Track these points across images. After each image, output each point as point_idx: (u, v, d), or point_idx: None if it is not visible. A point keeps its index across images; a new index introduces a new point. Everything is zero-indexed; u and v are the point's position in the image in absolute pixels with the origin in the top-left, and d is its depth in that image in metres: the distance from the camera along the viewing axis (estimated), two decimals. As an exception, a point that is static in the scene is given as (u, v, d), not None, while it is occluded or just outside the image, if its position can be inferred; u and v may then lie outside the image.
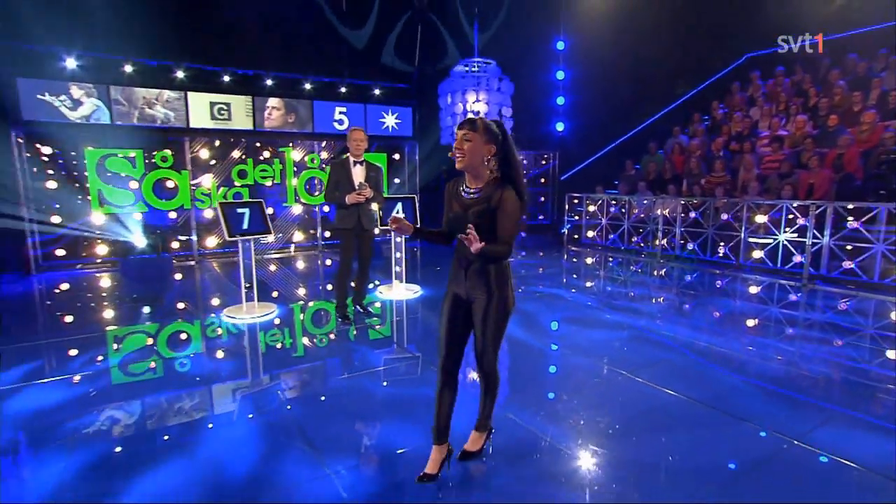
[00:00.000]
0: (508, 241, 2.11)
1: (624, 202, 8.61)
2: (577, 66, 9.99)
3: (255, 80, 8.11)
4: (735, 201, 7.11)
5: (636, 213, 8.48)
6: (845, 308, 5.26)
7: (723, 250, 7.17)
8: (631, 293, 5.99)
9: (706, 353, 3.98)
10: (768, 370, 3.66)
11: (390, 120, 9.26)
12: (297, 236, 8.82)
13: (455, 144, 2.14)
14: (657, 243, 7.96)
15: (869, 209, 5.80)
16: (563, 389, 3.39)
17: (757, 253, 6.78)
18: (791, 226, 6.42)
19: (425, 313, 5.13)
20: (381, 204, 4.85)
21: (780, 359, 3.89)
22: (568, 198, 9.55)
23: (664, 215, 7.89)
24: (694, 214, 7.54)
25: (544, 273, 7.21)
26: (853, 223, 5.85)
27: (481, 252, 2.04)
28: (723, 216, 7.14)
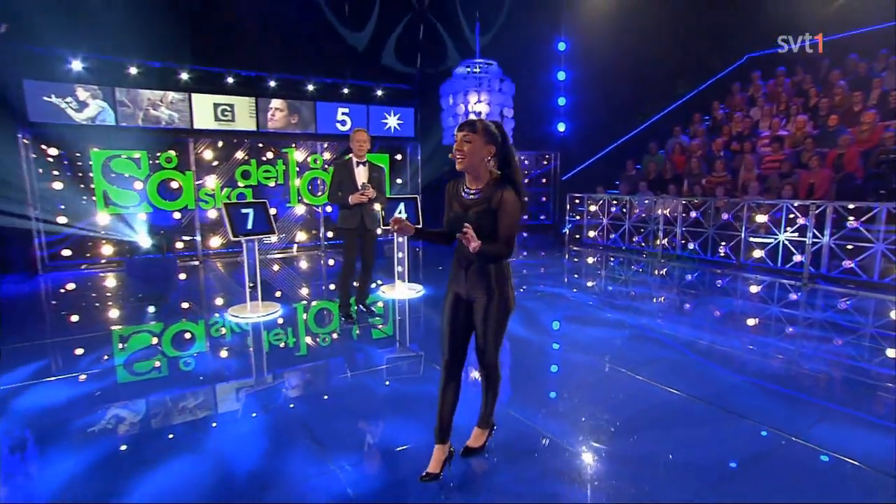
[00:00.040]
0: (509, 242, 2.13)
1: (625, 202, 8.65)
2: (579, 67, 10.02)
3: (258, 82, 8.17)
4: (735, 201, 7.14)
5: (637, 212, 8.51)
6: (845, 307, 5.29)
7: (723, 250, 7.21)
8: (632, 292, 6.03)
9: (706, 351, 4.02)
10: (768, 368, 3.69)
11: (392, 121, 9.31)
12: (300, 236, 8.87)
13: (455, 146, 2.16)
14: (658, 243, 7.99)
15: (869, 209, 5.83)
16: (564, 387, 3.43)
17: (757, 252, 6.81)
18: (791, 225, 6.46)
19: (427, 312, 5.17)
20: (384, 204, 4.90)
21: (779, 357, 3.92)
22: (569, 198, 9.59)
23: (665, 215, 7.93)
24: (695, 214, 7.58)
25: (546, 272, 7.25)
26: (853, 223, 5.88)
27: (480, 251, 2.06)
28: (723, 216, 7.18)
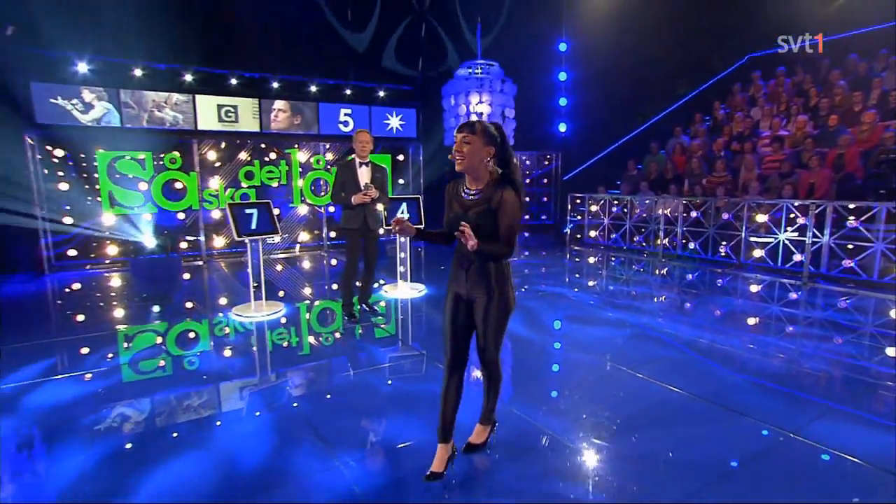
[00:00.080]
0: (509, 241, 2.16)
1: (626, 202, 8.69)
2: (580, 68, 10.06)
3: (261, 83, 8.24)
4: (736, 201, 7.18)
5: (638, 212, 8.55)
6: (845, 306, 5.31)
7: (724, 249, 7.24)
8: (633, 292, 6.07)
9: (707, 350, 4.05)
10: (768, 367, 3.73)
11: (394, 121, 9.37)
12: (303, 236, 8.94)
13: (455, 147, 2.19)
14: (659, 243, 8.03)
15: (868, 208, 5.86)
16: (565, 385, 3.47)
17: (758, 252, 6.84)
18: (791, 225, 6.49)
19: (429, 311, 5.22)
20: (387, 204, 4.94)
21: (779, 356, 3.95)
22: (570, 198, 9.63)
23: (666, 215, 7.96)
24: (695, 214, 7.61)
25: (547, 272, 7.29)
26: (853, 222, 5.91)
27: (480, 251, 2.09)
28: (724, 216, 7.21)
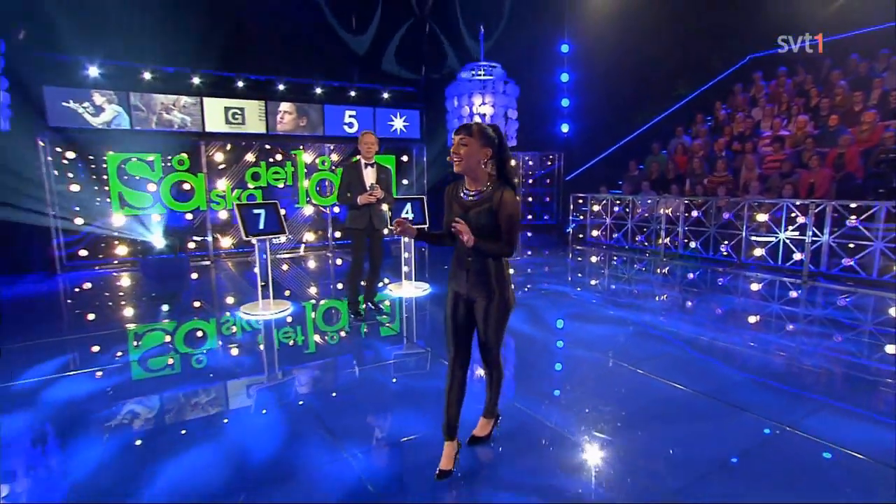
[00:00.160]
0: (510, 241, 2.21)
1: (627, 202, 8.76)
2: (582, 69, 10.13)
3: (267, 86, 8.36)
4: (737, 200, 7.24)
5: (640, 212, 8.62)
6: (844, 304, 5.37)
7: (725, 248, 7.31)
8: (635, 291, 6.15)
9: (708, 347, 4.12)
10: (768, 364, 3.79)
11: (398, 123, 9.48)
12: (309, 236, 9.05)
13: (452, 149, 2.24)
14: (660, 242, 8.09)
15: (868, 207, 5.92)
16: (567, 381, 3.55)
17: (758, 251, 6.91)
18: (792, 224, 6.55)
19: (433, 310, 5.30)
20: (392, 204, 5.04)
21: (780, 353, 4.01)
22: (573, 198, 9.72)
23: (667, 214, 8.03)
24: (696, 213, 7.67)
25: (550, 271, 7.37)
26: (853, 221, 5.96)
27: (477, 247, 2.16)
28: (725, 215, 7.28)
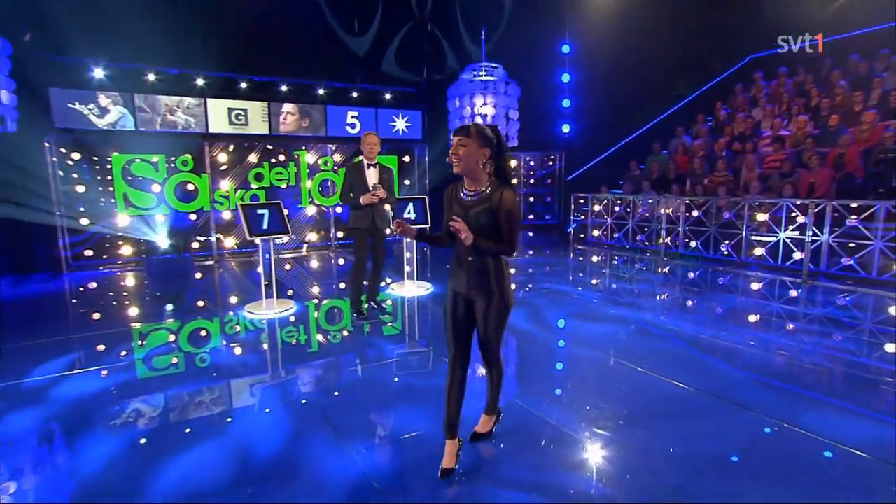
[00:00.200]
0: (511, 240, 2.24)
1: (628, 202, 8.80)
2: (583, 69, 10.18)
3: (270, 87, 8.42)
4: (737, 200, 7.27)
5: (640, 212, 8.66)
6: (844, 303, 5.39)
7: (725, 248, 7.34)
8: (635, 290, 6.19)
9: (709, 346, 4.16)
10: (768, 362, 3.83)
11: (400, 123, 9.53)
12: (311, 236, 9.11)
13: (451, 150, 2.27)
14: (661, 241, 8.13)
15: (867, 207, 5.95)
16: (569, 378, 3.59)
17: (758, 250, 6.94)
18: (792, 224, 6.58)
19: (435, 309, 5.34)
20: (394, 204, 5.08)
21: (779, 352, 4.04)
22: (574, 198, 9.76)
23: (668, 214, 8.07)
24: (697, 213, 7.71)
25: (551, 271, 7.41)
26: (853, 220, 5.98)
27: (476, 245, 2.19)
28: (725, 215, 7.32)
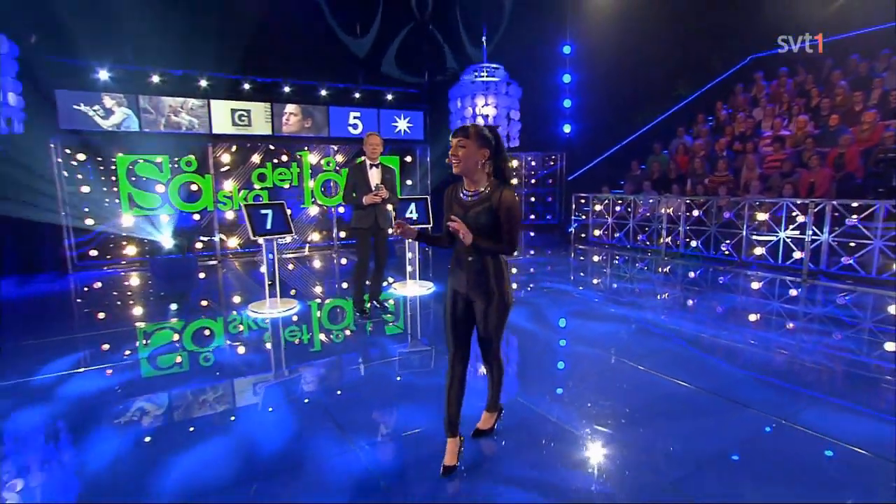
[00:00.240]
0: (511, 239, 2.25)
1: (629, 201, 8.83)
2: (584, 70, 10.22)
3: (273, 88, 8.48)
4: (737, 200, 7.30)
5: (641, 212, 8.69)
6: (844, 302, 5.42)
7: (725, 247, 7.37)
8: (636, 289, 6.22)
9: (709, 345, 4.19)
10: (768, 361, 3.86)
11: (402, 124, 9.59)
12: (314, 236, 9.16)
13: (451, 151, 2.28)
14: (662, 241, 8.16)
15: (867, 206, 5.97)
16: (570, 377, 3.63)
17: (759, 250, 6.97)
18: (792, 223, 6.61)
19: (437, 308, 5.38)
20: (396, 204, 5.12)
21: (780, 351, 4.07)
22: (575, 198, 9.80)
23: (668, 214, 8.10)
24: (697, 213, 7.74)
25: (552, 270, 7.45)
26: (854, 219, 6.00)
27: (476, 245, 2.21)
28: (725, 214, 7.35)
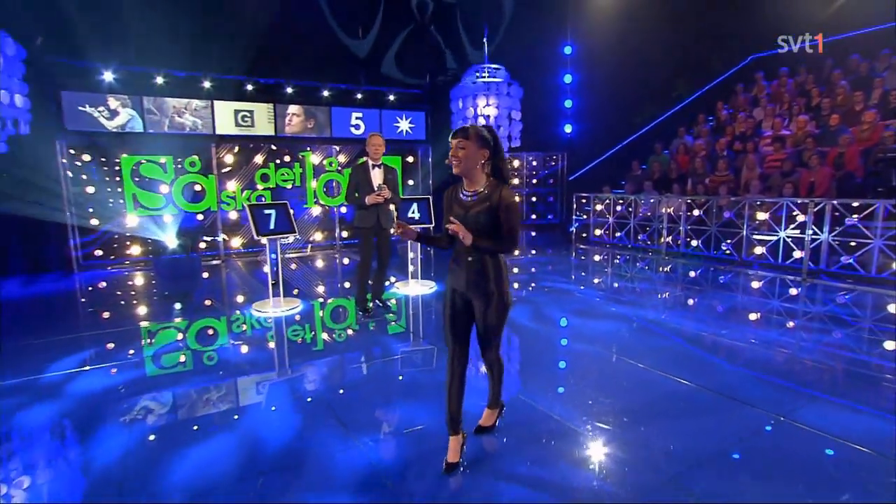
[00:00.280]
0: (512, 238, 2.28)
1: (630, 201, 8.86)
2: (585, 70, 10.27)
3: (276, 89, 8.54)
4: (738, 199, 7.33)
5: (642, 211, 8.72)
6: (843, 301, 5.44)
7: (726, 247, 7.40)
8: (637, 288, 6.25)
9: (710, 343, 4.23)
10: (768, 359, 3.88)
11: (404, 124, 9.64)
12: (316, 236, 9.21)
13: (451, 153, 2.31)
14: (662, 241, 8.19)
15: (867, 206, 5.99)
16: (571, 374, 3.67)
17: (759, 249, 6.99)
18: (792, 223, 6.63)
19: (439, 307, 5.39)
20: (398, 204, 5.17)
21: (780, 349, 4.10)
22: (576, 197, 9.84)
23: (669, 213, 8.13)
24: (698, 212, 7.77)
25: (554, 270, 7.48)
26: (855, 218, 6.01)
27: (477, 245, 2.24)
28: (726, 214, 7.38)
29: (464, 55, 9.79)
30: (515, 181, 11.01)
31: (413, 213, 5.76)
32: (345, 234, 9.36)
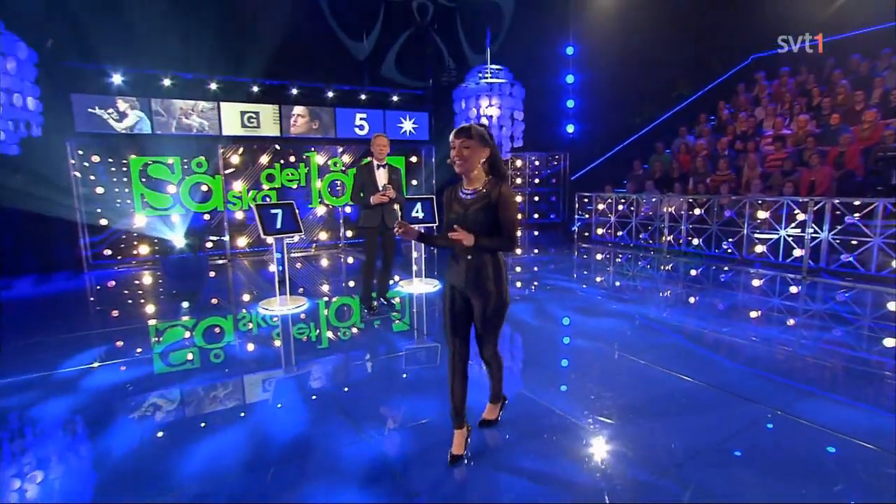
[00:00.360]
0: (512, 235, 2.32)
1: (632, 200, 8.91)
2: (587, 71, 10.32)
3: (281, 90, 8.63)
4: (739, 198, 7.37)
5: (643, 210, 8.78)
6: (843, 299, 5.48)
7: (727, 245, 7.45)
8: (638, 286, 6.31)
9: (711, 340, 4.28)
10: (769, 357, 3.93)
11: (408, 125, 9.72)
12: (321, 236, 9.30)
13: (454, 153, 2.33)
14: (664, 239, 8.24)
15: (866, 204, 6.03)
16: (574, 371, 3.72)
17: (759, 247, 7.04)
18: (792, 221, 6.68)
19: (442, 305, 5.50)
20: (403, 204, 5.23)
21: (780, 346, 4.15)
22: (578, 197, 9.90)
23: (671, 212, 8.18)
24: (699, 211, 7.82)
25: (556, 268, 7.53)
26: (856, 217, 6.05)
27: (479, 246, 2.28)
28: (727, 213, 7.43)
29: (466, 57, 9.86)
30: (518, 181, 11.08)
31: (417, 212, 5.82)
32: (349, 233, 9.44)
